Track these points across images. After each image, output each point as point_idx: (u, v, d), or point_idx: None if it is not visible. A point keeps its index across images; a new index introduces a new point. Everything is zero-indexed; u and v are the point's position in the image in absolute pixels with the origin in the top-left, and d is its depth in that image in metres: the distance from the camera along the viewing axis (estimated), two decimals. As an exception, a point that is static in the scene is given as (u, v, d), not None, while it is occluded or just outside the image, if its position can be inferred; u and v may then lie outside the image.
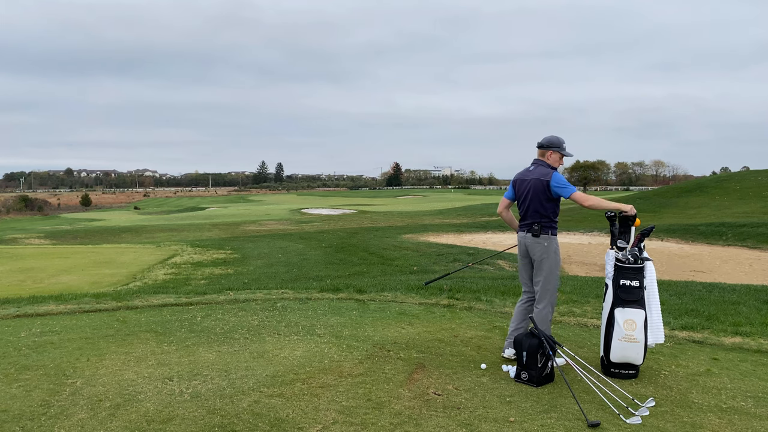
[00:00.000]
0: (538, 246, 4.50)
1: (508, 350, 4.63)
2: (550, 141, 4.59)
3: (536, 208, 4.49)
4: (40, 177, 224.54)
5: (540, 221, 4.48)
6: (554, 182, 4.42)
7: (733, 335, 5.45)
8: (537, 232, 4.48)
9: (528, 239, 4.55)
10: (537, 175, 4.51)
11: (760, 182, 37.29)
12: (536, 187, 4.47)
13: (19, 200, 74.00)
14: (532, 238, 4.51)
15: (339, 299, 7.05)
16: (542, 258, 4.50)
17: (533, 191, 4.49)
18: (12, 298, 7.50)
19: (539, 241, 4.49)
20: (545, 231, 4.48)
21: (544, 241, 4.48)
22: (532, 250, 4.55)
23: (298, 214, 53.50)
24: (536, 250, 4.52)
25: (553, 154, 4.57)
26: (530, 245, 4.55)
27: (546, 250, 4.48)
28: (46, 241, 28.02)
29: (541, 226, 4.47)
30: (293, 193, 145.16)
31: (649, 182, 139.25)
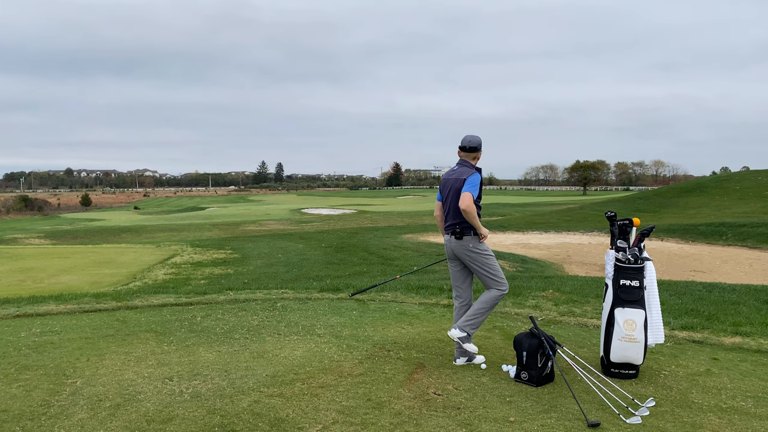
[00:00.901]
0: (462, 248, 4.45)
1: (460, 359, 4.54)
2: (469, 140, 4.54)
3: (457, 209, 4.41)
4: (40, 177, 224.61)
5: (461, 223, 4.41)
6: (468, 179, 4.36)
7: (733, 335, 5.45)
8: (459, 234, 4.43)
9: (453, 242, 4.50)
10: (458, 175, 4.46)
11: (760, 182, 37.27)
12: (456, 187, 4.42)
13: (19, 200, 74.01)
14: (456, 242, 4.47)
15: (339, 299, 7.05)
16: (471, 260, 4.46)
17: (453, 191, 4.44)
18: (12, 298, 7.50)
19: (463, 244, 4.44)
20: (467, 232, 4.42)
21: (468, 242, 4.43)
22: (458, 254, 4.51)
23: (298, 214, 53.50)
24: (462, 253, 4.47)
25: (480, 156, 4.58)
26: (456, 248, 4.50)
27: (471, 250, 4.44)
28: (46, 241, 28.03)
29: (462, 228, 4.41)
30: (293, 193, 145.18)
31: (649, 182, 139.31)
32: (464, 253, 4.47)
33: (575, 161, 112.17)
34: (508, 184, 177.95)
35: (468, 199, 4.30)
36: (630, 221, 4.43)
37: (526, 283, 8.76)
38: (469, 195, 4.31)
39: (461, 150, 4.56)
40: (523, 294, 7.42)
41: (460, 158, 4.59)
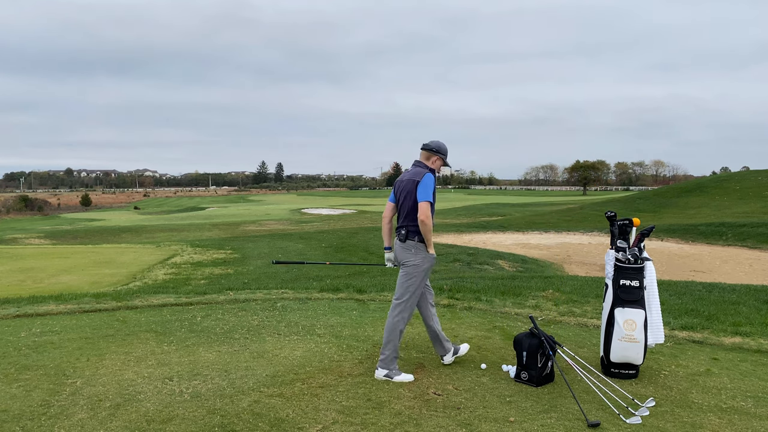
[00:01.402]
0: (404, 252, 4.27)
1: (447, 357, 4.49)
2: (438, 146, 4.37)
3: (408, 211, 4.26)
4: (40, 177, 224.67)
5: (408, 226, 4.25)
6: (422, 181, 4.19)
7: (733, 335, 5.45)
8: (404, 237, 4.26)
9: (397, 244, 4.34)
10: (411, 176, 4.29)
11: (760, 182, 37.28)
12: (408, 188, 4.25)
13: (19, 200, 74.01)
14: (399, 244, 4.30)
15: (339, 299, 7.05)
16: (404, 263, 4.28)
17: (405, 192, 4.28)
18: (12, 298, 7.50)
19: (406, 247, 4.26)
20: (412, 236, 4.24)
21: (411, 247, 4.24)
22: (399, 256, 4.32)
23: (298, 214, 53.49)
24: (401, 256, 4.29)
25: (437, 161, 4.37)
26: (398, 251, 4.33)
27: (411, 257, 4.24)
28: (46, 241, 28.03)
29: (408, 231, 4.24)
30: (293, 193, 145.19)
31: (649, 182, 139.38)
32: (404, 255, 4.27)
33: (575, 161, 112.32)
34: (508, 184, 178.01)
35: (426, 209, 4.13)
36: (630, 221, 4.42)
37: (526, 283, 8.76)
38: (426, 205, 4.13)
39: (422, 149, 4.40)
40: (523, 294, 7.42)
41: (417, 159, 4.41)
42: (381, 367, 4.22)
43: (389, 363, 4.22)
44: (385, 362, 4.22)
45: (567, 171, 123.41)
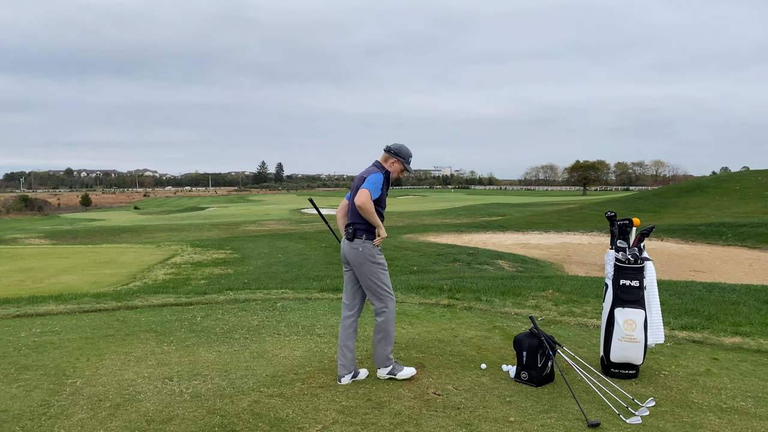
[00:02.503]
0: (353, 252, 4.14)
1: (345, 378, 4.16)
2: (399, 149, 4.24)
3: (353, 209, 4.15)
4: (40, 177, 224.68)
5: (355, 224, 4.14)
6: (368, 178, 4.07)
7: (733, 335, 5.45)
8: (351, 235, 4.14)
9: (344, 244, 4.21)
10: (362, 173, 4.19)
11: (760, 182, 37.28)
12: (356, 184, 4.15)
13: (19, 200, 74.00)
14: (347, 243, 4.17)
15: (339, 299, 7.05)
16: (358, 265, 4.13)
17: (354, 189, 4.17)
18: (12, 298, 7.50)
19: (354, 246, 4.13)
20: (359, 234, 4.12)
21: (359, 246, 4.11)
22: (348, 257, 4.18)
23: (298, 214, 53.48)
24: (351, 256, 4.15)
25: (396, 164, 4.24)
26: (346, 251, 4.19)
27: (360, 255, 4.11)
28: (46, 241, 28.02)
29: (355, 229, 4.13)
30: (293, 193, 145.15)
31: (649, 182, 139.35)
32: (354, 257, 4.14)
33: (575, 161, 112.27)
34: (508, 184, 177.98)
35: (364, 195, 3.98)
36: (630, 221, 4.42)
37: (526, 283, 8.76)
38: (365, 192, 3.99)
39: (384, 150, 4.29)
40: (523, 294, 7.42)
41: (377, 159, 4.30)
42: (383, 368, 4.21)
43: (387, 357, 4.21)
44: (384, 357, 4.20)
45: (567, 171, 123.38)
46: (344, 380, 4.15)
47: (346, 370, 4.17)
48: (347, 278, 4.31)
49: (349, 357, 4.19)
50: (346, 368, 4.17)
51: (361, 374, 4.25)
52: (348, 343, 4.21)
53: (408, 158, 4.29)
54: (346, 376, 4.16)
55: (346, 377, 4.16)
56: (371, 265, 4.14)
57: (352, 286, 4.29)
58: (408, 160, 4.29)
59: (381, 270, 4.17)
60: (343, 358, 4.18)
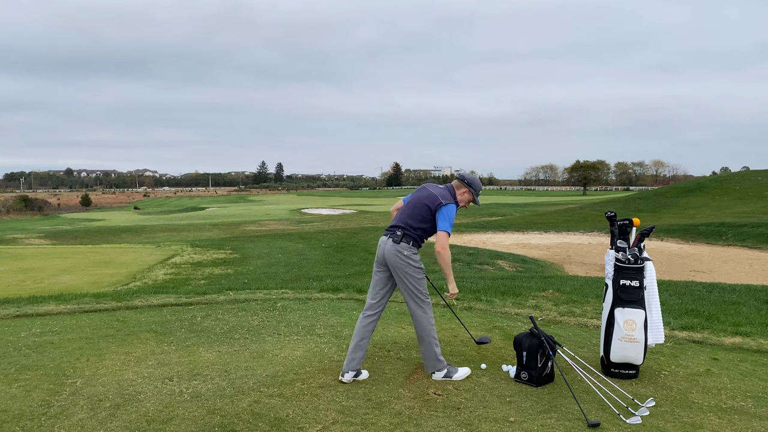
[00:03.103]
0: (395, 255, 4.12)
1: (348, 374, 4.15)
2: (472, 181, 4.32)
3: (414, 216, 4.17)
4: (40, 177, 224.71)
5: (407, 229, 4.15)
6: (445, 208, 4.10)
7: (733, 335, 5.44)
8: (398, 238, 4.13)
9: (387, 245, 4.17)
10: (437, 192, 4.21)
11: (760, 182, 37.28)
12: (428, 199, 4.17)
13: (19, 200, 74.02)
14: (392, 245, 4.14)
15: (339, 299, 7.05)
16: (400, 268, 4.12)
17: (422, 199, 4.20)
18: (12, 298, 7.49)
19: (399, 249, 4.11)
20: (408, 240, 4.13)
21: (404, 250, 4.11)
22: (389, 259, 4.15)
23: (298, 214, 53.48)
24: (392, 259, 4.13)
25: (466, 194, 4.30)
26: (388, 252, 4.15)
27: (404, 259, 4.11)
28: (46, 241, 28.03)
29: (404, 233, 4.14)
30: (293, 193, 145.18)
31: (649, 182, 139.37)
32: (396, 260, 4.11)
33: (575, 161, 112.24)
34: (508, 184, 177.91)
35: (444, 240, 4.05)
36: (630, 221, 4.42)
37: (526, 283, 8.76)
38: (445, 235, 4.06)
39: (456, 178, 4.38)
40: (523, 294, 7.42)
41: (451, 184, 4.34)
42: (437, 372, 4.21)
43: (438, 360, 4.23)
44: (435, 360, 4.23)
45: (567, 171, 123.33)
46: (346, 377, 4.15)
47: (351, 368, 4.17)
48: (378, 278, 4.29)
49: (359, 356, 4.20)
50: (352, 366, 4.17)
51: (363, 375, 4.24)
52: (362, 342, 4.22)
53: (478, 191, 4.35)
54: (349, 374, 4.15)
55: (349, 375, 4.15)
56: (414, 270, 4.14)
57: (381, 287, 4.29)
58: (478, 193, 4.35)
59: (423, 276, 4.20)
60: (353, 354, 4.19)
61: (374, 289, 4.32)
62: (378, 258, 4.26)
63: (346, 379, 4.14)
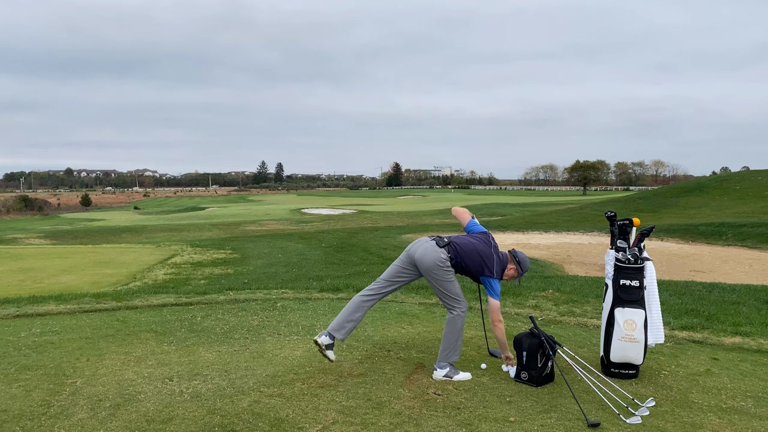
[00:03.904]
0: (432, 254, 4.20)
1: (324, 336, 4.22)
2: (523, 261, 4.46)
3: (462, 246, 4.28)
4: (40, 177, 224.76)
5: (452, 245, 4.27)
6: (492, 281, 4.25)
7: (733, 335, 5.44)
8: (443, 243, 4.23)
9: (429, 244, 4.25)
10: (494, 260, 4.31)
11: (760, 182, 37.28)
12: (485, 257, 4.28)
13: (19, 200, 74.01)
14: (433, 245, 4.23)
15: (339, 299, 7.05)
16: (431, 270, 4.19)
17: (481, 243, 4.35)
18: (12, 298, 7.49)
19: (438, 252, 4.20)
20: (450, 251, 4.23)
21: (441, 253, 4.20)
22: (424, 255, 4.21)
23: (298, 214, 53.49)
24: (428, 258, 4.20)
25: (512, 270, 4.42)
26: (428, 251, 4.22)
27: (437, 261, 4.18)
28: (46, 241, 28.03)
29: (449, 242, 4.27)
30: (293, 193, 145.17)
31: (649, 182, 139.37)
32: (430, 259, 4.18)
33: (575, 161, 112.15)
34: (508, 184, 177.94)
35: (498, 311, 4.25)
36: (630, 221, 4.42)
37: (526, 283, 8.76)
38: (498, 306, 4.24)
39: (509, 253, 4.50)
40: (523, 294, 7.42)
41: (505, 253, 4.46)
42: (442, 366, 4.25)
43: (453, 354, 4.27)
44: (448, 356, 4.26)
45: (567, 171, 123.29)
46: (322, 339, 4.21)
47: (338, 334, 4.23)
48: (395, 270, 4.36)
49: (349, 327, 4.28)
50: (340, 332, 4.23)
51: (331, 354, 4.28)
52: (357, 313, 4.29)
53: (524, 272, 4.49)
54: (326, 336, 4.22)
55: (325, 338, 4.21)
56: (445, 273, 4.20)
57: (394, 276, 4.36)
58: (523, 273, 4.48)
59: (451, 277, 4.25)
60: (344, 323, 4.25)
61: (384, 278, 4.40)
62: (408, 253, 4.32)
63: (321, 341, 4.20)
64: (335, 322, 4.29)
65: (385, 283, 4.39)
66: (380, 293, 4.39)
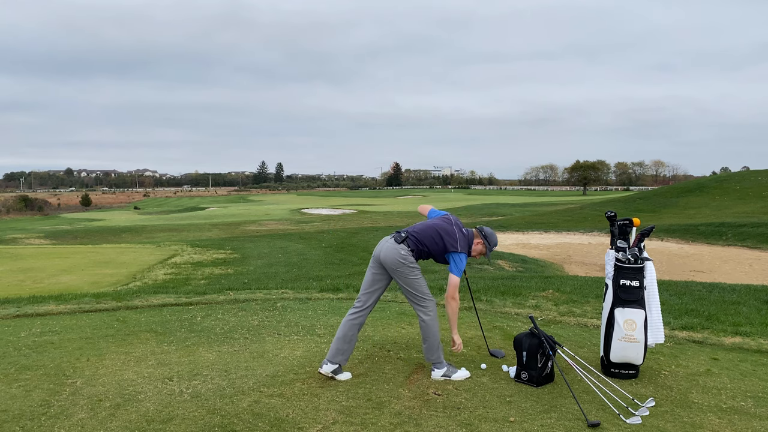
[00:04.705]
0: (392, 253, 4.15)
1: (327, 366, 4.15)
2: (489, 235, 4.38)
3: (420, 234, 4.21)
4: (40, 177, 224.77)
5: (416, 241, 4.20)
6: (458, 255, 4.18)
7: (733, 335, 5.44)
8: (400, 239, 4.18)
9: (388, 243, 4.21)
10: (458, 235, 4.22)
11: (760, 182, 37.28)
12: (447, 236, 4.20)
13: (19, 200, 74.02)
14: (393, 243, 4.19)
15: (339, 299, 7.05)
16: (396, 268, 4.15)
17: (440, 231, 4.22)
18: (12, 298, 7.49)
19: (398, 248, 4.15)
20: (411, 245, 4.18)
21: (401, 250, 4.15)
22: (386, 255, 4.18)
23: (298, 214, 53.49)
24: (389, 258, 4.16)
25: (480, 245, 4.34)
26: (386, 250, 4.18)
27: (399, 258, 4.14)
28: (46, 241, 28.03)
29: (407, 237, 4.19)
30: (293, 193, 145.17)
31: (649, 182, 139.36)
32: (392, 258, 4.15)
33: (575, 161, 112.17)
34: (508, 184, 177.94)
35: (456, 286, 4.17)
36: (630, 221, 4.42)
37: (526, 283, 8.76)
38: (457, 282, 4.17)
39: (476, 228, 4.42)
40: (523, 294, 7.42)
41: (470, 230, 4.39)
42: (437, 368, 4.23)
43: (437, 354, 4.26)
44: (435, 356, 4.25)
45: (567, 171, 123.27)
46: (325, 368, 4.14)
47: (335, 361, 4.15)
48: (371, 277, 4.30)
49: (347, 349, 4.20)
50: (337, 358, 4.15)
51: (343, 375, 4.20)
52: (350, 334, 4.22)
53: (492, 247, 4.41)
54: (329, 365, 4.14)
55: (328, 366, 4.14)
56: (408, 269, 4.16)
57: (371, 285, 4.30)
58: (492, 248, 4.41)
59: (419, 273, 4.21)
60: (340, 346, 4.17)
61: (365, 289, 4.33)
62: (374, 256, 4.30)
63: (324, 371, 4.13)
64: (333, 348, 4.20)
65: (366, 296, 4.31)
66: (366, 308, 4.29)
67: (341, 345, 4.19)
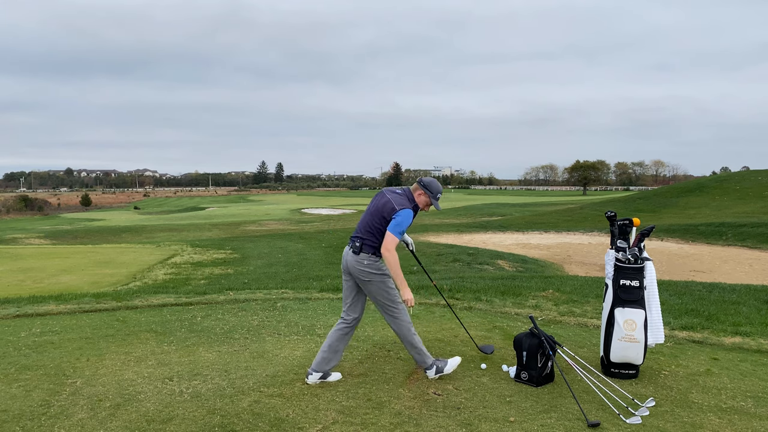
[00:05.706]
0: (356, 266, 4.11)
1: (314, 375, 4.12)
2: (429, 183, 4.26)
3: (368, 226, 4.14)
4: (40, 177, 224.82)
5: (364, 239, 4.13)
6: (398, 215, 4.03)
7: (733, 335, 5.44)
8: (357, 249, 4.12)
9: (349, 255, 4.17)
10: (394, 200, 4.13)
11: (760, 182, 37.27)
12: (383, 207, 4.11)
13: (19, 200, 74.03)
14: (352, 255, 4.14)
15: (339, 299, 7.05)
16: (365, 281, 4.12)
17: (378, 208, 4.14)
18: (12, 298, 7.49)
19: (359, 260, 4.09)
20: (366, 250, 4.11)
21: (364, 260, 4.09)
22: (352, 270, 4.14)
23: (298, 214, 53.50)
24: (355, 271, 4.13)
25: (423, 196, 4.24)
26: (350, 263, 4.14)
27: (365, 269, 4.09)
28: (46, 241, 28.02)
29: (363, 244, 4.12)
30: (293, 193, 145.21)
31: (649, 182, 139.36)
32: (357, 271, 4.11)
33: (575, 161, 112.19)
34: (508, 184, 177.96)
35: (389, 241, 4.00)
36: (630, 221, 4.42)
37: (526, 283, 8.76)
38: (391, 237, 4.00)
39: (416, 182, 4.32)
40: (523, 294, 7.42)
41: (409, 188, 4.30)
42: (429, 369, 4.22)
43: (425, 356, 4.23)
44: (424, 358, 4.23)
45: (567, 171, 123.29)
46: (311, 378, 4.10)
47: (320, 368, 4.12)
48: (347, 288, 4.27)
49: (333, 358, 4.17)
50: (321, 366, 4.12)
51: (332, 376, 4.20)
52: (336, 344, 4.19)
53: (437, 194, 4.29)
54: (315, 374, 4.11)
55: (315, 376, 4.11)
56: (377, 277, 4.10)
57: (350, 295, 4.26)
58: (437, 196, 4.30)
59: (388, 281, 4.15)
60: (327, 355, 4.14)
61: (345, 300, 4.30)
62: (343, 267, 4.26)
63: (311, 381, 4.10)
64: (318, 357, 4.17)
65: (350, 308, 4.27)
66: (352, 319, 4.26)
67: (327, 355, 4.17)
